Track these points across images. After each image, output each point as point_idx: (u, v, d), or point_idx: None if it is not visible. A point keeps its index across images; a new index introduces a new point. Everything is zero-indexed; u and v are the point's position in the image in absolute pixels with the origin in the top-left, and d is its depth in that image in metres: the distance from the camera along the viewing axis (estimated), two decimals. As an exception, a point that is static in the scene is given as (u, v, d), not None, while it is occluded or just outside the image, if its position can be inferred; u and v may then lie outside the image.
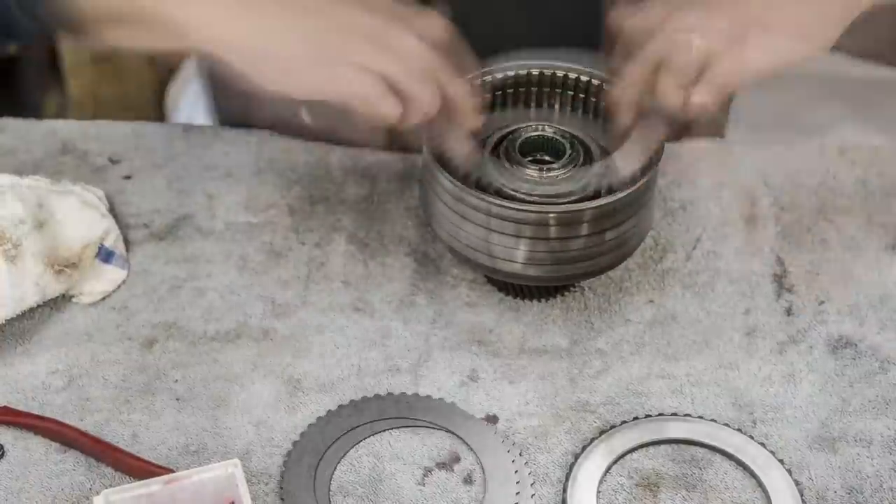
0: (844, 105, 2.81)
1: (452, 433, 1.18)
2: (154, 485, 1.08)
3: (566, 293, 1.30)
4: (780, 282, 1.32)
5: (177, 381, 1.22)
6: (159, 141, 1.44)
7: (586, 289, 1.31)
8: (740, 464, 1.17)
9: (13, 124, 1.45)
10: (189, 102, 2.67)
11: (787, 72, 2.40)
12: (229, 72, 1.13)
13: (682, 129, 1.33)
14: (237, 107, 1.49)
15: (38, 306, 1.26)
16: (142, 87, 2.82)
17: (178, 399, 1.21)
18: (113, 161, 1.41)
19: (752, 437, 1.18)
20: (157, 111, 2.78)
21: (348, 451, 1.17)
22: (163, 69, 2.82)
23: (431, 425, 1.18)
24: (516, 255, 1.19)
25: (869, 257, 1.34)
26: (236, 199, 1.38)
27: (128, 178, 1.40)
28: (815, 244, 1.35)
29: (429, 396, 1.20)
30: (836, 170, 1.43)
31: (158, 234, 1.34)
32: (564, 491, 1.14)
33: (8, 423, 1.18)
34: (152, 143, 1.43)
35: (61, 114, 2.82)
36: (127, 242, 1.33)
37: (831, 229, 1.37)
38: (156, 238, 1.34)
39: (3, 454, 1.16)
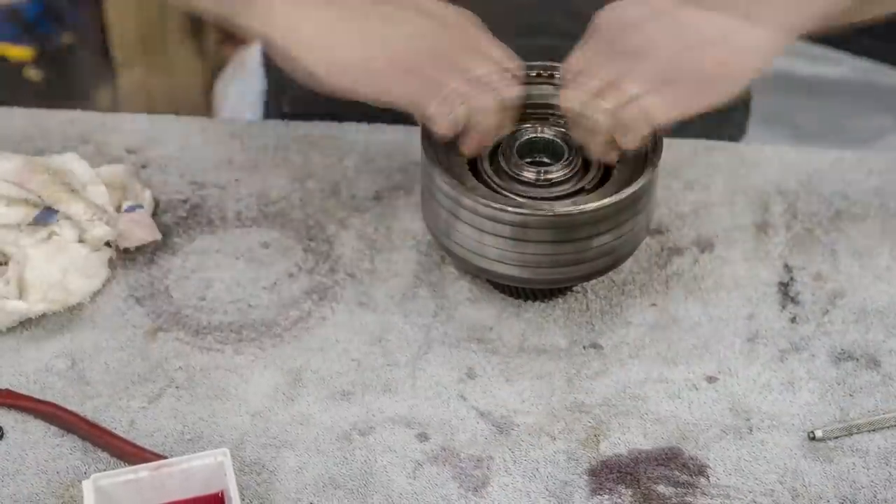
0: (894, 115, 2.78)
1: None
2: (143, 471, 1.10)
3: (567, 294, 1.30)
4: (786, 290, 1.31)
5: (178, 369, 1.24)
6: (176, 134, 1.45)
7: (588, 290, 1.30)
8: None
9: (31, 112, 1.47)
10: (235, 97, 2.70)
11: (834, 80, 2.38)
12: (287, 63, 1.20)
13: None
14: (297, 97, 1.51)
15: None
16: (191, 82, 2.85)
17: (177, 387, 1.23)
18: (129, 151, 1.43)
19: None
20: (205, 105, 2.81)
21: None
22: (212, 64, 2.85)
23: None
24: (509, 258, 1.20)
25: (879, 267, 1.33)
26: (248, 192, 1.39)
27: (143, 167, 1.41)
28: (825, 253, 1.34)
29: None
30: (852, 178, 1.42)
31: (169, 223, 1.36)
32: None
33: (9, 406, 1.20)
34: (169, 136, 1.45)
35: (114, 106, 2.86)
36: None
37: (843, 238, 1.36)
38: (165, 228, 1.35)
39: (1, 436, 1.18)
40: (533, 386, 1.23)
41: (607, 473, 1.17)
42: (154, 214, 1.36)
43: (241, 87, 2.70)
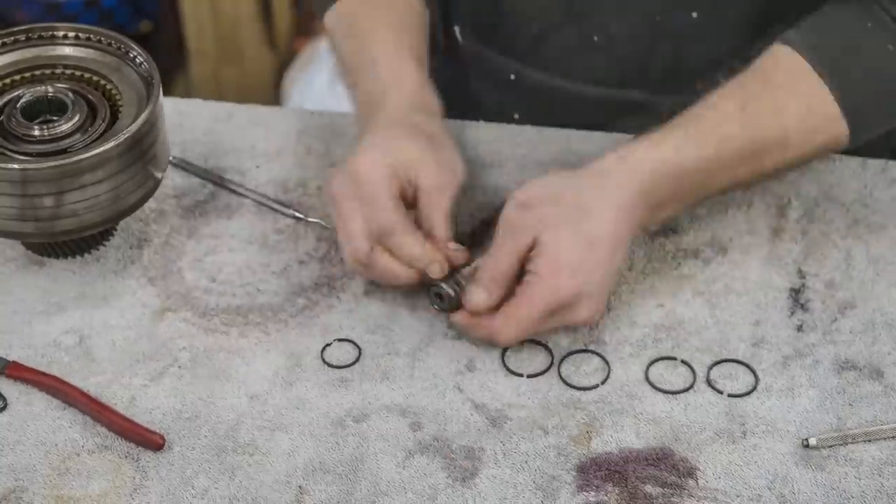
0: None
1: None
2: None
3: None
4: (796, 296, 1.30)
5: (182, 349, 1.26)
6: (204, 120, 1.48)
7: (595, 289, 1.30)
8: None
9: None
10: (303, 89, 2.73)
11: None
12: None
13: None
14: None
15: (63, 269, 1.32)
16: (261, 72, 2.88)
17: (180, 367, 1.25)
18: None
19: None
20: (274, 96, 2.84)
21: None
22: (282, 56, 2.88)
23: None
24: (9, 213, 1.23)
25: (892, 276, 1.31)
26: (268, 178, 1.41)
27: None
28: (839, 260, 1.33)
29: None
30: (873, 186, 1.40)
31: (187, 207, 1.38)
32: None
33: (14, 378, 1.23)
34: (196, 122, 1.47)
35: (187, 94, 2.90)
36: (156, 214, 1.37)
37: (859, 246, 1.34)
38: (183, 211, 1.38)
39: (5, 406, 1.21)
40: (530, 380, 1.24)
41: (595, 470, 1.17)
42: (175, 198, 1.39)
43: (309, 79, 2.73)
